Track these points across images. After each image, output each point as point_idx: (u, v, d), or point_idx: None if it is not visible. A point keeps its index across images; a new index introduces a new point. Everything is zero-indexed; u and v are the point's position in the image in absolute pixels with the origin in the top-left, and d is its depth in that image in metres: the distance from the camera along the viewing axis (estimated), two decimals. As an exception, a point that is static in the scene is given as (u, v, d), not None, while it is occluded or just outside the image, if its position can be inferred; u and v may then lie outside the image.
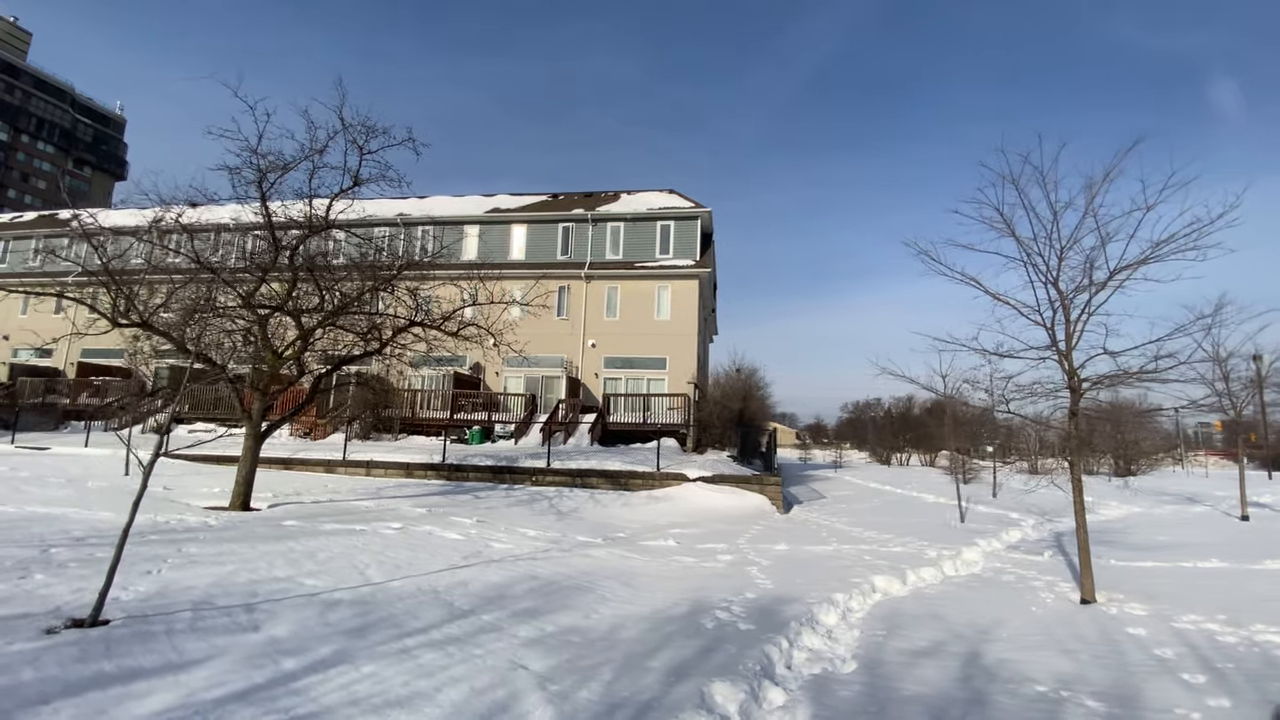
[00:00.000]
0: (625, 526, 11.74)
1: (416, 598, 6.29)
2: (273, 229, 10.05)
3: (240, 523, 9.07)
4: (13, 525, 7.57)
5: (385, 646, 4.89)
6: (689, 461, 16.56)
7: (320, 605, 5.81)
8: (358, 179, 10.51)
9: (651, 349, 22.76)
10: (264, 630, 5.08)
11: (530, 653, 4.96)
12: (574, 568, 7.98)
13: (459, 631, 5.36)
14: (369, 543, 8.61)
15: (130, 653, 4.39)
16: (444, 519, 10.81)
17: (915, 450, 57.15)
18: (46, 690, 3.73)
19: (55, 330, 27.13)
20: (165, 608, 5.37)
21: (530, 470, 15.44)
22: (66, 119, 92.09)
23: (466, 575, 7.27)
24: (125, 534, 5.19)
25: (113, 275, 9.53)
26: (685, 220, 23.38)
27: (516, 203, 26.36)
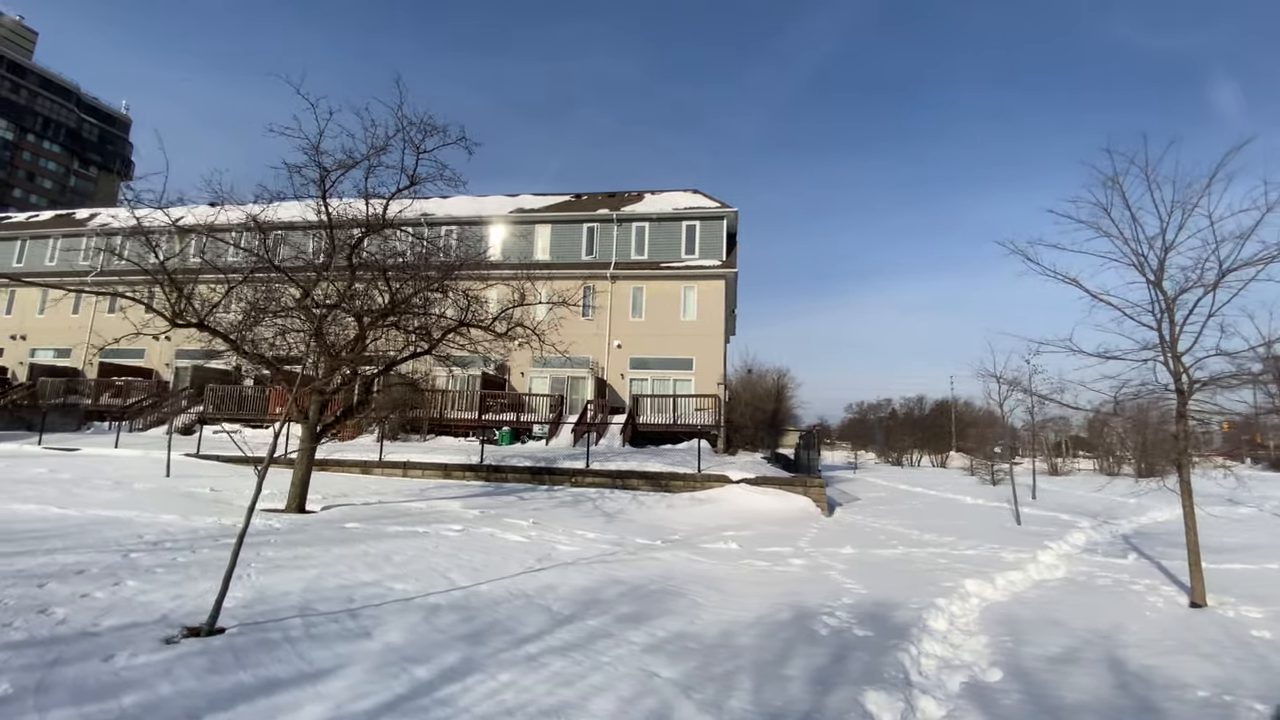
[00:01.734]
0: (675, 529, 11.60)
1: (511, 602, 6.15)
2: (332, 228, 9.91)
3: (304, 525, 8.93)
4: (83, 530, 7.41)
5: (508, 654, 4.75)
6: (726, 463, 16.43)
7: (421, 611, 5.67)
8: (414, 178, 10.38)
9: (678, 350, 22.62)
10: (378, 637, 4.94)
11: (655, 660, 4.83)
12: (649, 571, 7.85)
13: (572, 637, 5.23)
14: (437, 545, 8.47)
15: (260, 662, 4.25)
16: (498, 521, 10.67)
17: (924, 451, 57.13)
18: (192, 705, 3.58)
19: (72, 329, 27.08)
20: (271, 614, 5.23)
21: (569, 471, 15.29)
22: (72, 118, 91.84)
23: (548, 579, 7.13)
24: (240, 543, 5.07)
25: (170, 275, 9.38)
26: (711, 220, 23.26)
27: (540, 203, 26.22)
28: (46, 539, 6.79)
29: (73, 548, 6.55)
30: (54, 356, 26.78)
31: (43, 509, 8.42)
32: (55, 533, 7.11)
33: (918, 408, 59.77)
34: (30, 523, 7.51)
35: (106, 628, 4.59)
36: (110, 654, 4.12)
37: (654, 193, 26.18)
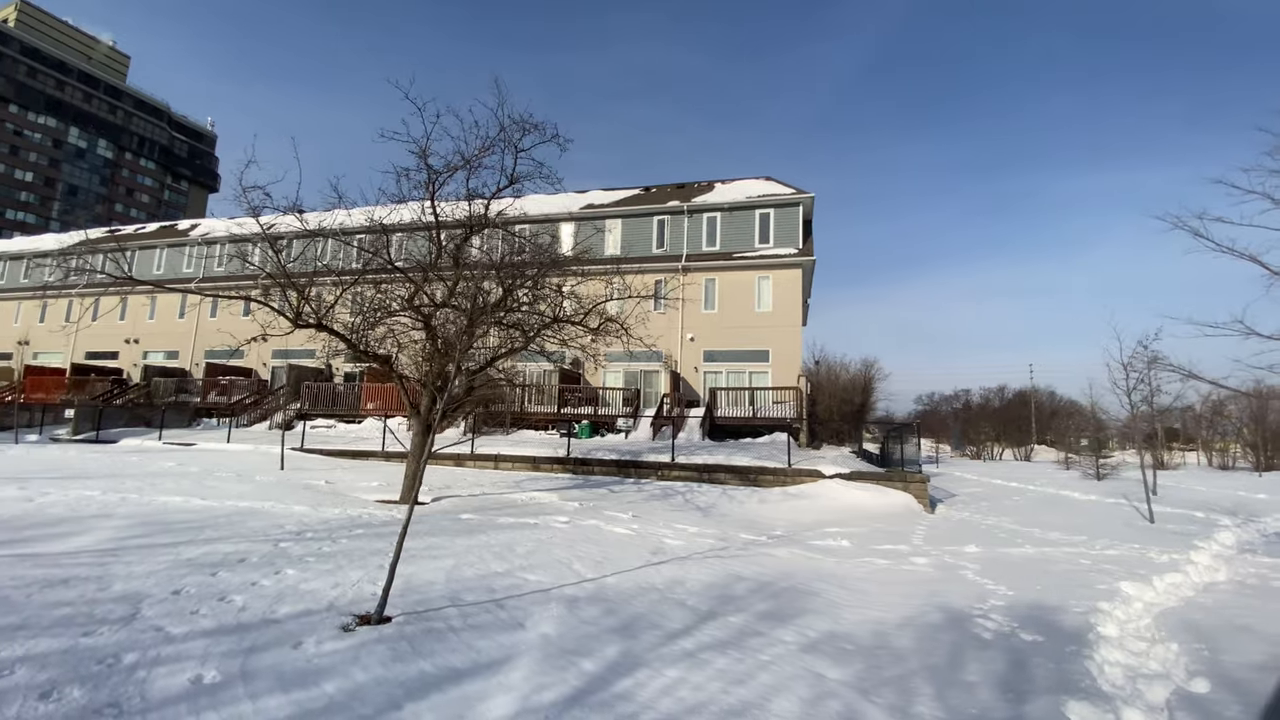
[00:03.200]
0: (773, 524, 11.36)
1: (645, 596, 6.09)
2: (439, 229, 10.14)
3: (424, 517, 9.18)
4: (230, 520, 7.84)
5: (665, 650, 4.68)
6: (814, 458, 16.01)
7: (561, 603, 5.68)
8: (514, 178, 10.48)
9: (753, 341, 22.22)
10: (530, 628, 4.97)
11: (816, 660, 4.66)
12: (768, 568, 7.67)
13: (722, 634, 5.12)
14: (550, 537, 8.54)
15: (435, 651, 4.32)
16: (599, 513, 10.70)
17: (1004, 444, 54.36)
18: (390, 694, 3.66)
19: (179, 332, 29.01)
20: (426, 603, 5.34)
21: (655, 465, 15.25)
22: (164, 136, 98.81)
23: (670, 573, 7.05)
24: (402, 537, 5.20)
25: (290, 278, 9.81)
26: (786, 207, 22.68)
27: (609, 198, 26.28)
28: (202, 529, 7.22)
29: (227, 538, 6.92)
30: (164, 358, 28.85)
31: (186, 500, 8.99)
32: (207, 523, 7.55)
33: (998, 398, 56.83)
34: (181, 514, 8.00)
35: (284, 615, 4.79)
36: (298, 641, 4.29)
37: (724, 182, 25.78)
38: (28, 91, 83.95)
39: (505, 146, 10.22)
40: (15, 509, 7.54)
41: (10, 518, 7.03)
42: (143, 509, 8.10)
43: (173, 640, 4.09)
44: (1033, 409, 56.95)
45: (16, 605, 4.41)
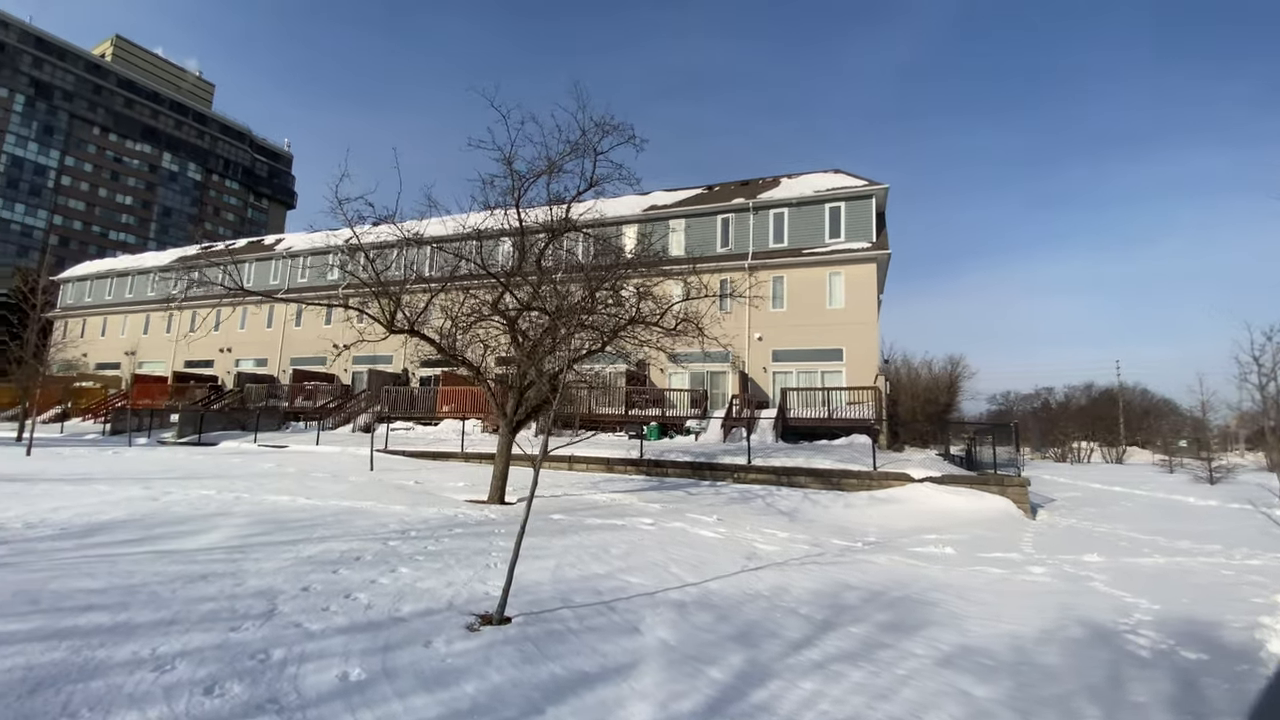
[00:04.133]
0: (863, 530, 10.93)
1: (753, 603, 5.90)
2: (523, 234, 10.26)
3: (515, 517, 9.25)
4: (337, 519, 8.13)
5: (793, 660, 4.48)
6: (898, 460, 15.36)
7: (671, 607, 5.56)
8: (593, 180, 10.49)
9: (825, 340, 21.59)
10: (647, 633, 4.86)
11: (957, 676, 4.36)
12: (874, 576, 7.33)
13: (847, 645, 4.87)
14: (640, 539, 8.47)
15: (560, 654, 4.27)
16: (682, 516, 10.56)
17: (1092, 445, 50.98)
18: (529, 697, 3.61)
19: (267, 341, 30.70)
20: (539, 604, 5.33)
21: (730, 467, 14.99)
22: (246, 158, 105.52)
23: (772, 579, 6.82)
24: (520, 538, 5.20)
25: (385, 286, 10.12)
26: (858, 200, 21.94)
27: (672, 198, 26.17)
28: (314, 527, 7.49)
29: (339, 536, 7.16)
30: (254, 365, 30.65)
31: (293, 500, 9.39)
32: (317, 522, 7.84)
33: (1085, 395, 53.42)
34: (292, 513, 8.36)
35: (408, 613, 4.86)
36: (428, 640, 4.32)
37: (791, 176, 25.21)
38: (125, 121, 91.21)
39: (585, 150, 10.25)
40: (144, 507, 8.04)
41: (142, 516, 7.50)
42: (257, 508, 8.50)
43: (313, 637, 4.20)
44: (1121, 408, 53.26)
45: (165, 600, 4.63)
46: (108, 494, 8.88)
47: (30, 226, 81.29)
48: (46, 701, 3.04)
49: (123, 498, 8.62)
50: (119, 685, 3.28)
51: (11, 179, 79.87)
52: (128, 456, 15.62)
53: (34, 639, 3.76)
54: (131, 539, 6.35)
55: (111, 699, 3.14)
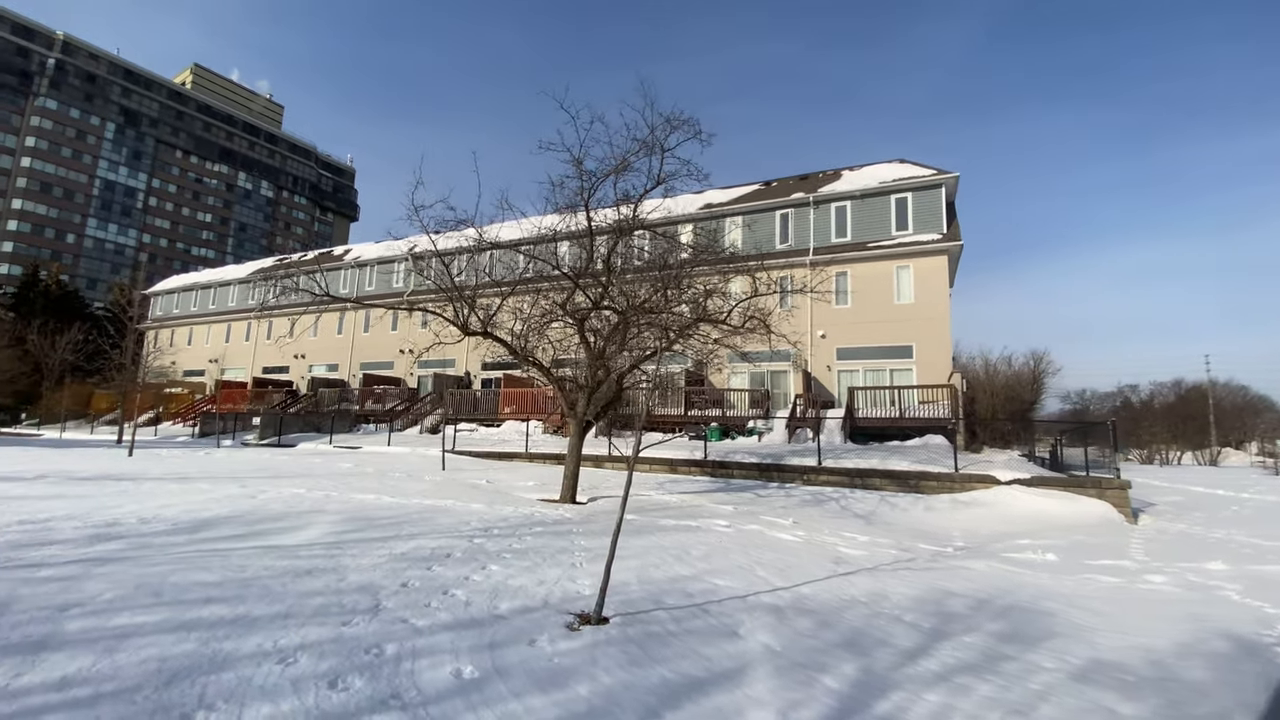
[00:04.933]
0: (949, 534, 10.41)
1: (852, 609, 5.62)
2: (592, 235, 10.26)
3: (590, 516, 9.26)
4: (422, 517, 8.28)
5: (910, 670, 4.21)
6: (981, 462, 14.62)
7: (767, 611, 5.35)
8: (660, 178, 10.38)
9: (893, 336, 20.80)
10: (748, 638, 4.68)
11: (1096, 691, 4.01)
12: (976, 583, 6.92)
13: (965, 656, 4.55)
14: (719, 540, 8.28)
15: (666, 658, 4.15)
16: (755, 518, 10.32)
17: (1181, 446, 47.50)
18: (644, 701, 3.49)
19: (338, 347, 31.96)
20: (631, 605, 5.23)
21: (799, 469, 14.59)
22: (313, 174, 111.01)
23: (867, 585, 6.51)
24: (615, 538, 5.12)
25: (459, 290, 10.28)
26: (926, 190, 21.06)
27: (728, 195, 25.84)
28: (401, 525, 7.64)
29: (426, 533, 7.27)
30: (325, 371, 32.00)
31: (378, 498, 9.64)
32: (404, 519, 8.00)
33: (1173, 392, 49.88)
34: (379, 510, 8.57)
35: (506, 610, 4.84)
36: (532, 639, 4.27)
37: (853, 169, 24.48)
38: (204, 144, 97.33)
39: (653, 147, 10.15)
40: (244, 505, 8.40)
41: (243, 513, 7.82)
42: (346, 506, 8.76)
43: (420, 633, 4.21)
44: (1210, 406, 49.46)
45: (277, 594, 4.75)
46: (209, 492, 9.34)
47: (122, 245, 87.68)
48: (183, 693, 3.12)
49: (223, 495, 9.04)
50: (248, 677, 3.34)
51: (105, 201, 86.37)
52: (218, 457, 16.48)
53: (162, 630, 3.90)
54: (237, 534, 6.61)
55: (244, 691, 3.19)
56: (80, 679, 3.16)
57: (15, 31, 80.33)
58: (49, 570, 4.95)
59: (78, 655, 3.41)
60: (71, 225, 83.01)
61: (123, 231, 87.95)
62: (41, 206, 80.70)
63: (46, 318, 39.21)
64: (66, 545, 5.78)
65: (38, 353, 34.17)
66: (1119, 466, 12.00)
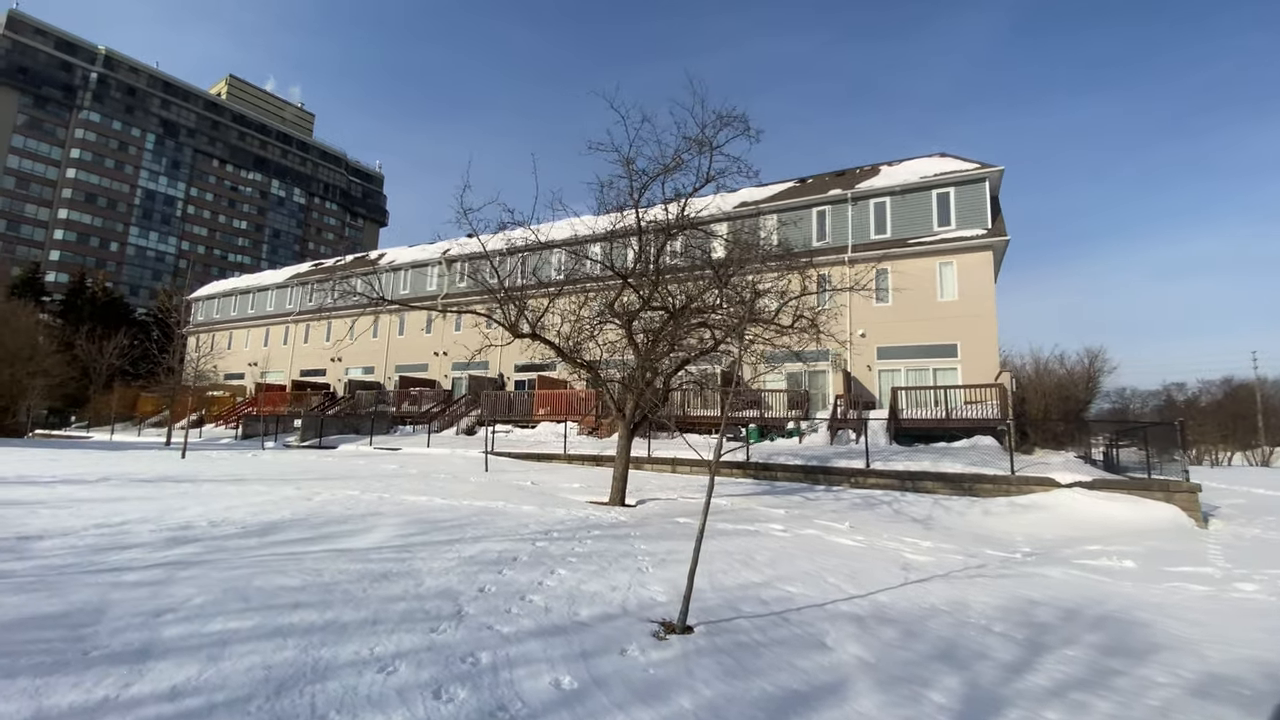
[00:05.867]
0: (1011, 539, 10.07)
1: (936, 619, 5.41)
2: (640, 234, 10.17)
3: (644, 520, 9.16)
4: (479, 519, 8.25)
5: (1018, 685, 4.01)
6: (1036, 464, 14.18)
7: (847, 620, 5.18)
8: (709, 176, 10.26)
9: (936, 335, 20.32)
10: (837, 649, 4.51)
11: (1220, 709, 3.79)
12: (1057, 591, 6.65)
13: (1071, 670, 4.33)
14: (781, 546, 8.11)
15: (761, 669, 4.01)
16: (810, 522, 10.11)
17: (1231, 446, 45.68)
18: (754, 716, 3.37)
19: (373, 351, 32.40)
20: (710, 612, 5.10)
21: (847, 471, 14.30)
22: (343, 180, 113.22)
23: (944, 592, 6.28)
24: (698, 546, 5.00)
25: (508, 293, 10.27)
26: (969, 184, 20.54)
27: (762, 193, 25.54)
28: (463, 527, 7.63)
29: (488, 536, 7.23)
30: (361, 374, 32.47)
31: (430, 500, 9.67)
32: (463, 522, 7.99)
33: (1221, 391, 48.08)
34: (436, 513, 8.57)
35: (587, 617, 4.75)
36: (622, 648, 4.18)
37: (891, 164, 24.01)
38: (239, 153, 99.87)
39: (702, 146, 10.03)
40: (303, 507, 8.47)
41: (305, 515, 7.88)
42: (401, 508, 8.79)
43: (509, 640, 4.14)
44: (1259, 404, 47.50)
45: (360, 599, 4.73)
46: (266, 494, 9.45)
47: (162, 252, 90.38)
48: (294, 703, 3.08)
49: (280, 498, 9.13)
50: (353, 687, 3.30)
51: (146, 210, 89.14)
52: (264, 459, 16.78)
53: (258, 637, 3.88)
54: (305, 537, 6.64)
55: (353, 701, 3.14)
56: (190, 688, 3.14)
57: (59, 47, 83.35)
58: (134, 575, 5.00)
59: (183, 663, 3.40)
60: (114, 234, 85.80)
61: (163, 239, 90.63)
62: (86, 216, 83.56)
63: (94, 323, 40.56)
64: (145, 549, 5.85)
65: (85, 357, 35.35)
66: (1187, 468, 11.49)
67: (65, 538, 6.12)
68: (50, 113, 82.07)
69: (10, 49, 78.56)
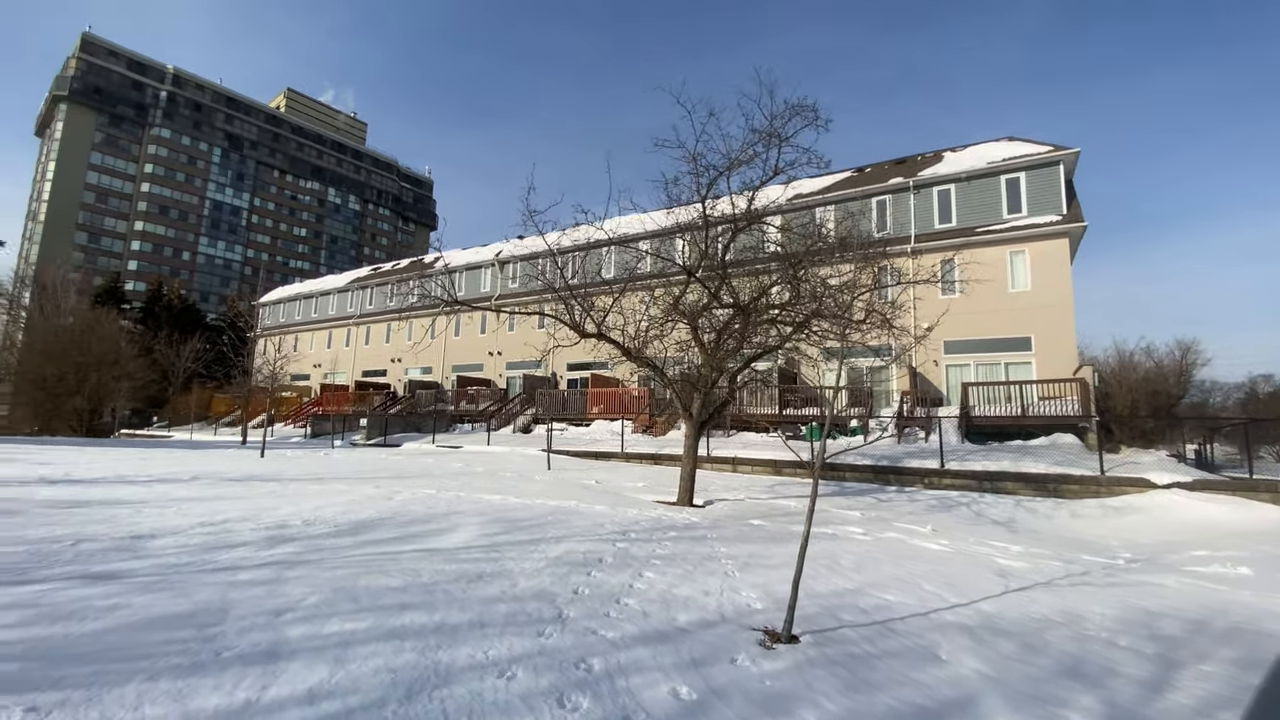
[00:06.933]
0: (1105, 544, 9.49)
1: (1052, 630, 5.11)
2: (707, 227, 10.03)
3: (717, 521, 9.04)
4: (557, 519, 8.29)
5: (1161, 704, 3.73)
6: (1124, 463, 13.37)
7: (957, 631, 4.93)
8: (778, 168, 10.03)
9: (1007, 327, 19.41)
10: (952, 661, 4.29)
11: None
12: (1174, 601, 6.22)
13: (1219, 689, 4.00)
14: (864, 550, 7.84)
15: (881, 683, 3.83)
16: (889, 524, 9.78)
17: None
18: (886, 731, 3.22)
19: (431, 351, 33.24)
20: (811, 620, 4.94)
21: (920, 471, 13.81)
22: (395, 187, 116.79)
23: (1052, 602, 5.94)
24: (803, 551, 4.85)
25: (574, 292, 10.29)
26: (1041, 168, 19.51)
27: (818, 184, 24.96)
28: (542, 527, 7.67)
29: (569, 536, 7.24)
30: (420, 374, 33.37)
31: (504, 499, 9.78)
32: (541, 521, 8.03)
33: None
34: (512, 511, 8.66)
35: (686, 623, 4.66)
36: (731, 656, 4.07)
37: (954, 150, 23.08)
38: (298, 163, 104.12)
39: (771, 138, 9.80)
40: (386, 506, 8.68)
41: (391, 514, 8.07)
42: (478, 506, 8.91)
43: (616, 646, 4.09)
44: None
45: (462, 601, 4.76)
46: (348, 493, 9.75)
47: (229, 260, 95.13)
48: (426, 709, 3.08)
49: (363, 496, 9.40)
50: (478, 692, 3.29)
51: (214, 220, 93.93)
52: (336, 458, 17.37)
53: (375, 639, 3.94)
54: (394, 536, 6.79)
55: (481, 708, 3.13)
56: (325, 691, 3.19)
57: (131, 67, 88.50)
58: (247, 574, 5.18)
59: (312, 665, 3.47)
60: (186, 243, 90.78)
61: (229, 248, 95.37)
62: (160, 227, 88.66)
63: (170, 329, 42.95)
64: (250, 548, 6.08)
65: (164, 361, 37.46)
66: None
67: (175, 536, 6.41)
68: (125, 130, 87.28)
69: (86, 71, 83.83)
